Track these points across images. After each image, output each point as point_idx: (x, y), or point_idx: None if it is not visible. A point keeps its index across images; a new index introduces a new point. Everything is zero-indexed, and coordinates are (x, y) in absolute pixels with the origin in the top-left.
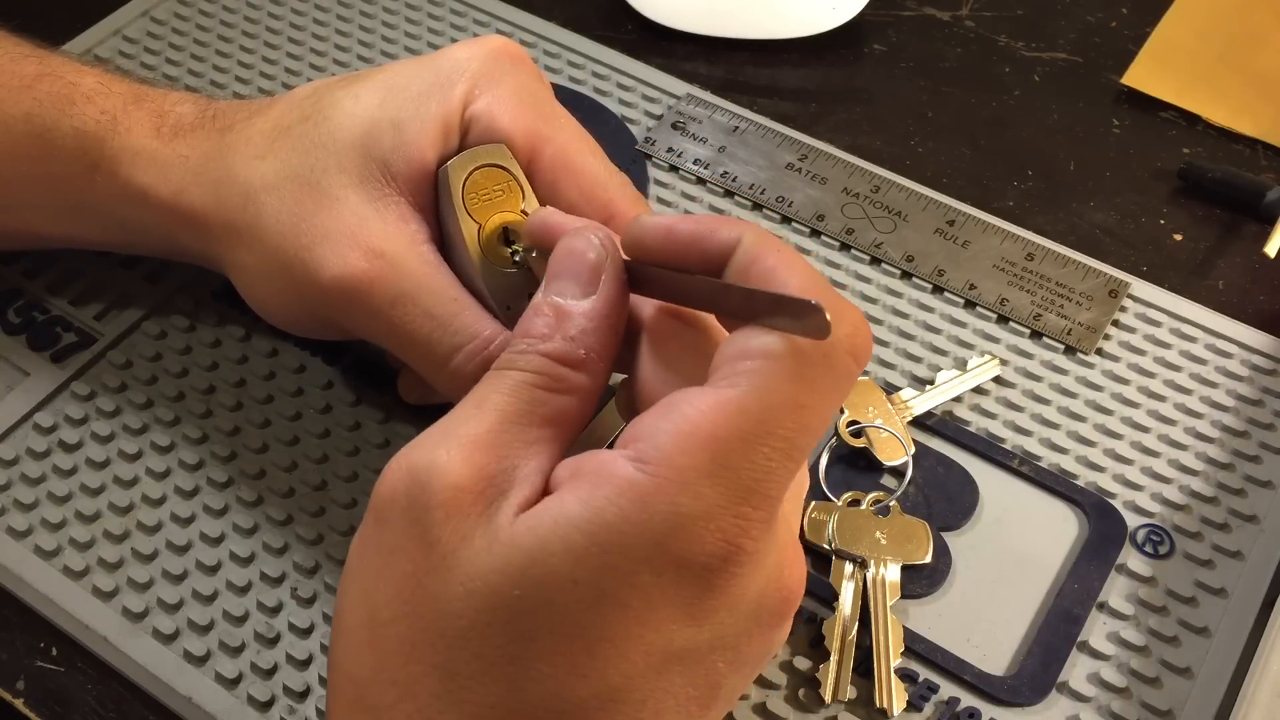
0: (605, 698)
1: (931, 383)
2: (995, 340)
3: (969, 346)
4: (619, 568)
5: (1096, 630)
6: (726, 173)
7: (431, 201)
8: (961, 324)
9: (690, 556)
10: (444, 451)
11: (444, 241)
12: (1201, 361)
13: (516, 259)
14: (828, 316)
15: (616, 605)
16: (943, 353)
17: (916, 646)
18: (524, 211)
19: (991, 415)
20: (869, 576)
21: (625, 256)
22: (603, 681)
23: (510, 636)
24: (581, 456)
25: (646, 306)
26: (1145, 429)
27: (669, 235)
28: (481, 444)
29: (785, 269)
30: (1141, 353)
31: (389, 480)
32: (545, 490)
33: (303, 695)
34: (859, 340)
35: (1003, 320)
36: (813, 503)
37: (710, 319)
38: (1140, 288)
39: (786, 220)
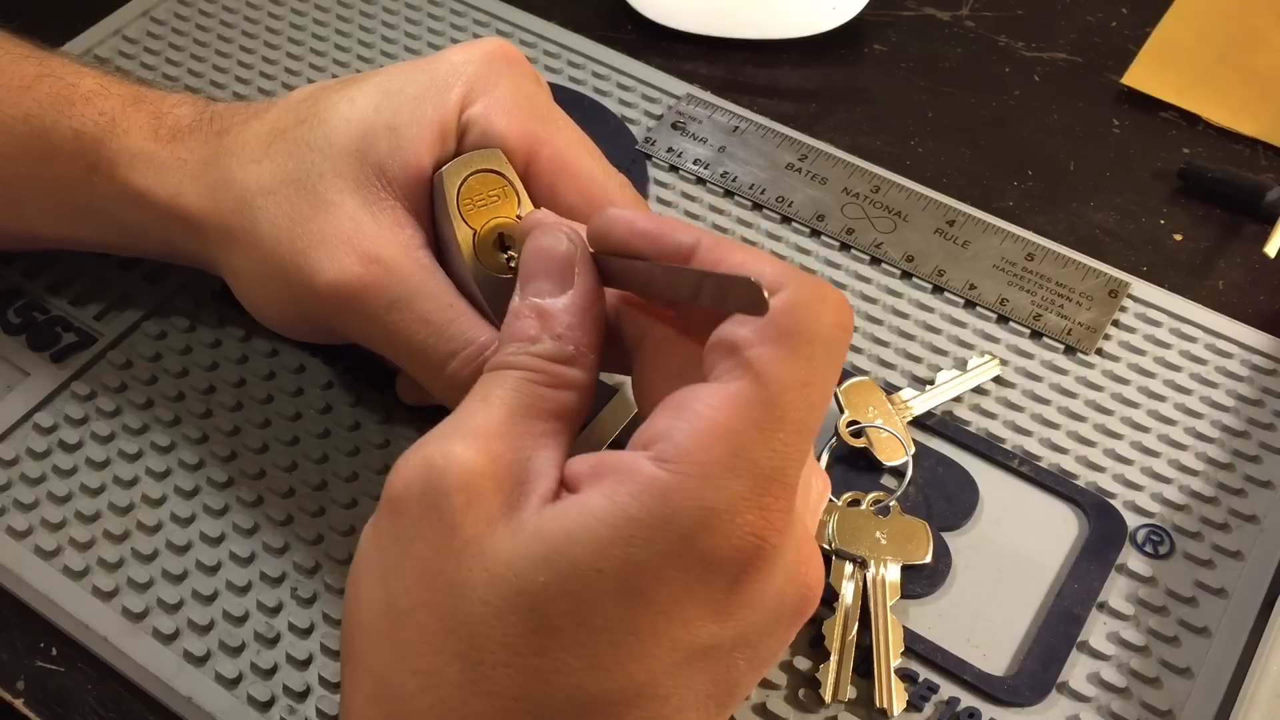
0: (630, 693)
1: (931, 383)
2: (995, 340)
3: (969, 346)
4: (644, 562)
5: (1096, 630)
6: (726, 173)
7: (427, 206)
8: (961, 324)
9: (718, 553)
10: (458, 441)
11: (440, 247)
12: (1201, 361)
13: (512, 264)
14: (765, 293)
15: (642, 600)
16: (943, 353)
17: (916, 646)
18: (519, 216)
19: (991, 415)
20: (869, 576)
21: (590, 250)
22: (627, 676)
23: (534, 626)
24: (602, 455)
25: (643, 314)
26: (1145, 429)
27: (630, 229)
28: (494, 434)
29: (751, 260)
30: (1141, 353)
31: (404, 472)
32: (563, 484)
33: (303, 695)
34: (844, 314)
35: (1003, 320)
36: None
37: (701, 319)
38: (1140, 288)
39: (786, 220)
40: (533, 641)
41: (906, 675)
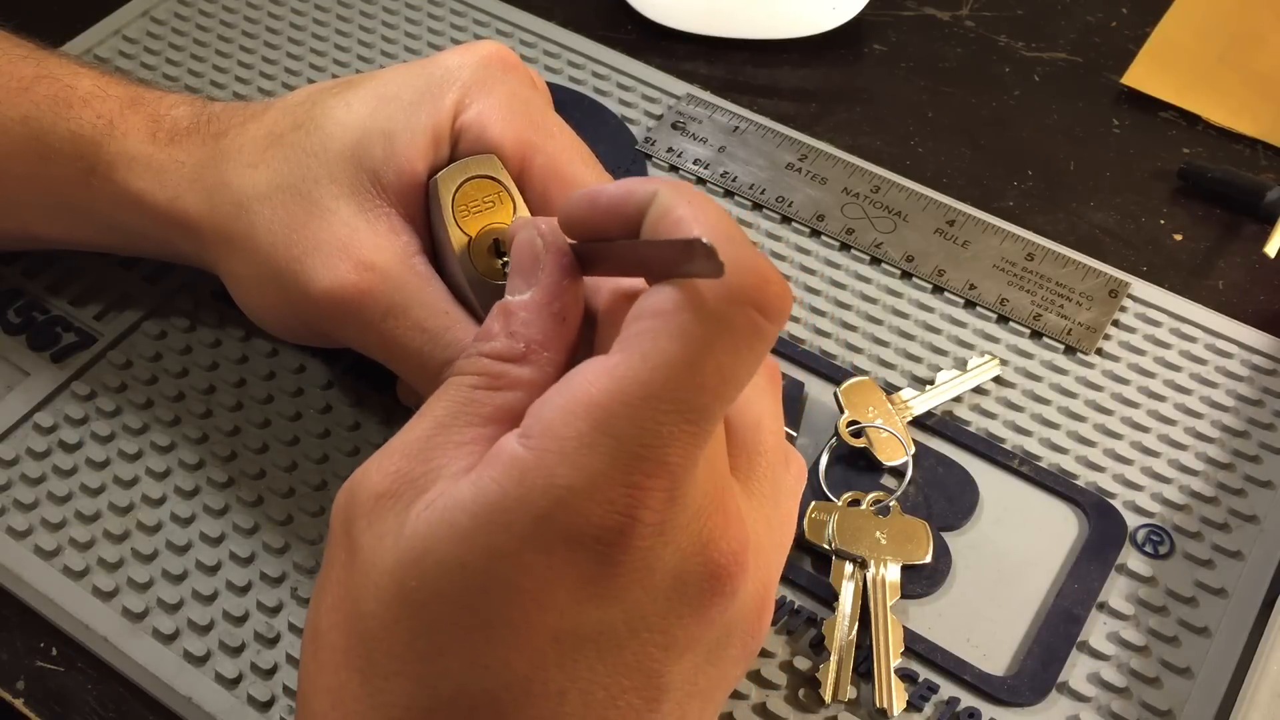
0: (516, 689)
1: (931, 383)
2: (995, 340)
3: (969, 346)
4: (504, 548)
5: (1096, 630)
6: (726, 173)
7: (423, 212)
8: (961, 324)
9: (578, 531)
10: (373, 463)
11: (435, 253)
12: (1201, 361)
13: (507, 270)
14: (718, 254)
15: (509, 588)
16: (943, 353)
17: (916, 646)
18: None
19: (991, 415)
20: (869, 576)
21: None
22: (509, 671)
23: (415, 631)
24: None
25: (605, 291)
26: (1145, 429)
27: (592, 205)
28: (409, 450)
29: (692, 219)
30: (1141, 353)
31: (336, 498)
32: None
33: None
34: (768, 294)
35: (1003, 320)
36: (813, 503)
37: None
38: (1140, 288)
39: (786, 220)
40: (415, 648)
41: (906, 675)
